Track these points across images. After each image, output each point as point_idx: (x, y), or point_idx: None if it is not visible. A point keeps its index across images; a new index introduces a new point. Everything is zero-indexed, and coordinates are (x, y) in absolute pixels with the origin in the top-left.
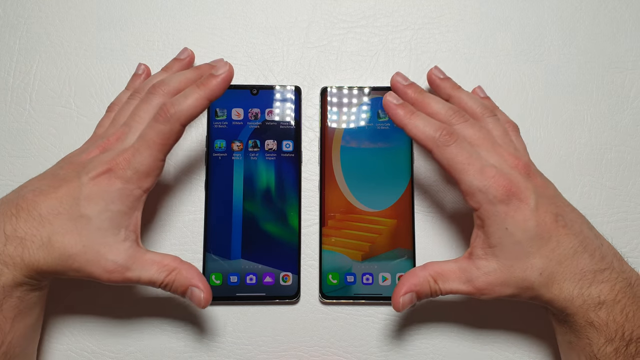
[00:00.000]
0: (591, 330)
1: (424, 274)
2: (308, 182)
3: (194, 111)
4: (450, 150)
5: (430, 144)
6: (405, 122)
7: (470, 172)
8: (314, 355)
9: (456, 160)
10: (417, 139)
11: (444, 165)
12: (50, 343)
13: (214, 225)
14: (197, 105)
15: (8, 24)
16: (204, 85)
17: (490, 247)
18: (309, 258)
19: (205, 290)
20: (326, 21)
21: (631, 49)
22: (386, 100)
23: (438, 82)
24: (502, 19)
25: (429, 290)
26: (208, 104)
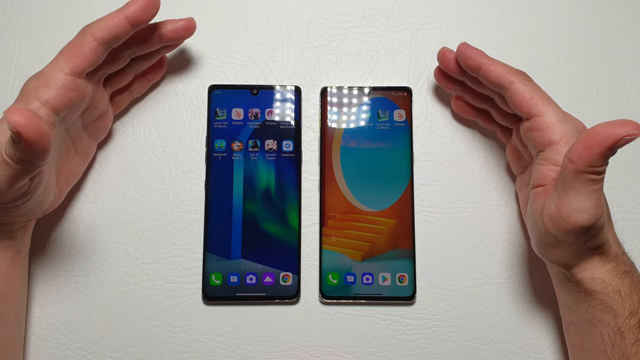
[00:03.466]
0: (617, 300)
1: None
2: (308, 182)
3: (108, 25)
4: (533, 85)
5: (513, 77)
6: (483, 61)
7: (554, 106)
8: (314, 355)
9: (541, 93)
10: (497, 72)
11: (526, 98)
12: (50, 343)
13: (214, 225)
14: (114, 20)
15: (8, 24)
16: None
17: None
18: (309, 258)
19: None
20: (326, 21)
21: (631, 49)
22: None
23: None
24: (502, 19)
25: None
26: (126, 23)
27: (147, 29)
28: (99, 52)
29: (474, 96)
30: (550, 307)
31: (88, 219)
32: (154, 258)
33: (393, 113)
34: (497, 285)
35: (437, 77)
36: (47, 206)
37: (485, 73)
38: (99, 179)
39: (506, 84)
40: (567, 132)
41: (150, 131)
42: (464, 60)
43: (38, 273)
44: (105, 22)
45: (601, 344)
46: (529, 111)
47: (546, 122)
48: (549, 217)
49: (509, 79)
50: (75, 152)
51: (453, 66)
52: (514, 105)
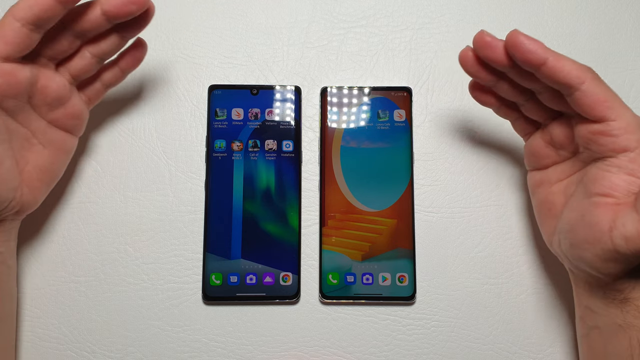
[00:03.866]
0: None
1: None
2: (308, 182)
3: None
4: (605, 85)
5: (584, 75)
6: (548, 55)
7: (628, 110)
8: (314, 355)
9: (614, 95)
10: (566, 70)
11: (601, 100)
12: (50, 343)
13: (214, 225)
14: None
15: None
16: None
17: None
18: (309, 258)
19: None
20: (326, 21)
21: (631, 49)
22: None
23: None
24: (502, 19)
25: None
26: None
27: (87, 6)
28: (25, 34)
29: (510, 88)
30: (551, 307)
31: (88, 219)
32: (154, 258)
33: (393, 113)
34: (497, 285)
35: (465, 62)
36: (14, 205)
37: (551, 71)
38: (99, 179)
39: (576, 84)
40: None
41: (150, 131)
42: (522, 55)
43: (38, 273)
44: (28, 0)
45: (628, 349)
46: (603, 115)
47: (623, 127)
48: (623, 237)
49: (579, 78)
50: (42, 145)
51: (497, 55)
52: (582, 107)
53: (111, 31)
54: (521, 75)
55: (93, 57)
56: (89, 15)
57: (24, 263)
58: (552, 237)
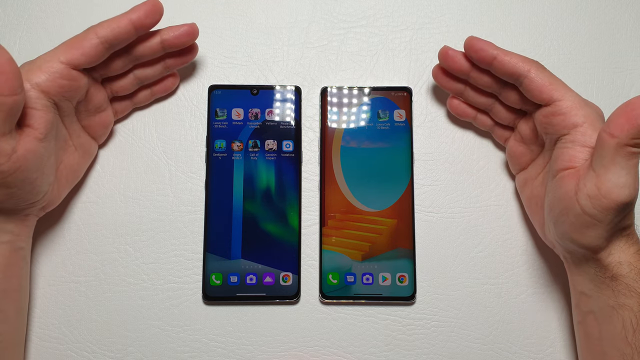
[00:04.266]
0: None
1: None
2: (308, 182)
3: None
4: (549, 72)
5: (529, 65)
6: (495, 52)
7: (570, 91)
8: (314, 355)
9: (558, 80)
10: (513, 62)
11: (546, 84)
12: (50, 343)
13: (214, 225)
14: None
15: (8, 24)
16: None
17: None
18: (309, 258)
19: None
20: (326, 21)
21: (631, 49)
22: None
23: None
24: (502, 19)
25: None
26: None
27: (150, 34)
28: (99, 50)
29: (476, 94)
30: (551, 307)
31: (88, 219)
32: (154, 258)
33: (393, 113)
34: (497, 285)
35: (436, 76)
36: (45, 199)
37: (501, 64)
38: (99, 179)
39: (524, 72)
40: (590, 114)
41: (150, 131)
42: (475, 53)
43: (38, 273)
44: (110, 22)
45: (622, 330)
46: (550, 96)
47: (569, 106)
48: (587, 197)
49: (525, 67)
50: (74, 147)
51: (457, 64)
52: (532, 92)
53: (160, 59)
54: (480, 78)
55: (135, 79)
56: (148, 43)
57: None
58: (543, 228)
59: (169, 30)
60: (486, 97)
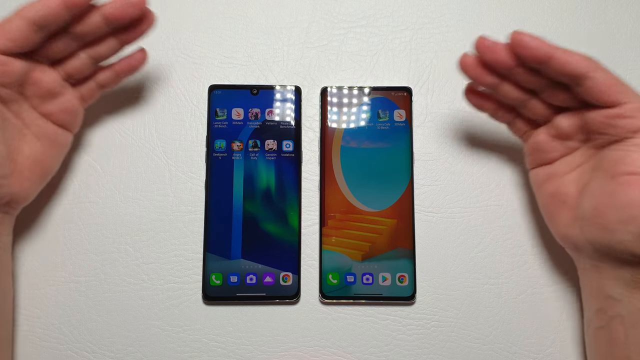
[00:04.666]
0: None
1: None
2: (308, 182)
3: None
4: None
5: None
6: (552, 51)
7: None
8: (314, 355)
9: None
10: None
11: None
12: (50, 343)
13: (214, 225)
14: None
15: None
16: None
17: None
18: (309, 258)
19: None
20: (326, 21)
21: (631, 49)
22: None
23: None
24: (502, 19)
25: None
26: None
27: (89, 10)
28: (28, 33)
29: (512, 89)
30: (551, 307)
31: (88, 219)
32: (154, 258)
33: (393, 113)
34: (497, 285)
35: (467, 67)
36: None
37: (561, 63)
38: (99, 179)
39: (587, 72)
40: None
41: (150, 131)
42: (530, 51)
43: (38, 273)
44: (38, 2)
45: None
46: (616, 98)
47: (636, 108)
48: None
49: (589, 67)
50: (35, 136)
51: (501, 58)
52: (596, 94)
53: (109, 35)
54: (526, 75)
55: (89, 59)
56: (89, 20)
57: (24, 263)
58: (568, 228)
59: (109, 3)
60: (523, 93)
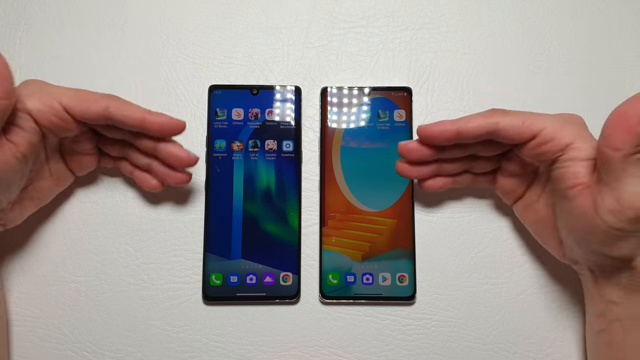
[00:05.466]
0: None
1: None
2: (308, 182)
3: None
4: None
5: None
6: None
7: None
8: (314, 355)
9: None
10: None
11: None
12: (50, 343)
13: (214, 225)
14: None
15: (8, 24)
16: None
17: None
18: (309, 258)
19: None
20: (326, 21)
21: (631, 49)
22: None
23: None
24: (502, 19)
25: None
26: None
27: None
28: (100, 119)
29: (452, 165)
30: (551, 307)
31: (88, 219)
32: (154, 258)
33: (393, 113)
34: (497, 285)
35: (404, 172)
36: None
37: (467, 132)
38: (99, 179)
39: (493, 127)
40: (574, 129)
41: None
42: (437, 137)
43: (38, 273)
44: (126, 108)
45: None
46: (530, 132)
47: (552, 131)
48: (609, 212)
49: (492, 121)
50: (49, 172)
51: (425, 153)
52: (511, 138)
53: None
54: (452, 152)
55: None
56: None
57: (23, 263)
58: (560, 248)
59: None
60: (462, 162)
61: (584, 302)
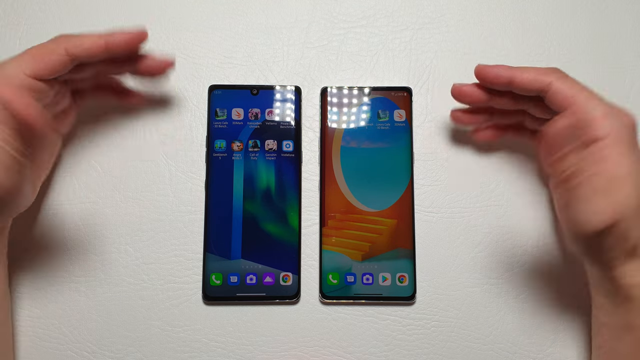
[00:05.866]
0: None
1: None
2: (308, 182)
3: (85, 44)
4: (571, 80)
5: (551, 76)
6: (512, 72)
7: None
8: (314, 355)
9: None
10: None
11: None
12: (50, 343)
13: (214, 225)
14: (92, 41)
15: (8, 24)
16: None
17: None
18: (309, 258)
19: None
20: (326, 21)
21: (631, 49)
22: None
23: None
24: (502, 19)
25: None
26: (104, 50)
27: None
28: (67, 66)
29: (504, 117)
30: (551, 307)
31: (88, 219)
32: (154, 258)
33: (393, 113)
34: (497, 285)
35: (458, 119)
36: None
37: (521, 83)
38: (99, 179)
39: (544, 87)
40: (613, 126)
41: (150, 131)
42: (491, 80)
43: (38, 273)
44: (84, 41)
45: (633, 351)
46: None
47: (595, 117)
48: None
49: (545, 81)
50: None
51: (476, 97)
52: (555, 106)
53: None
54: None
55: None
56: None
57: (24, 263)
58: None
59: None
60: (514, 115)
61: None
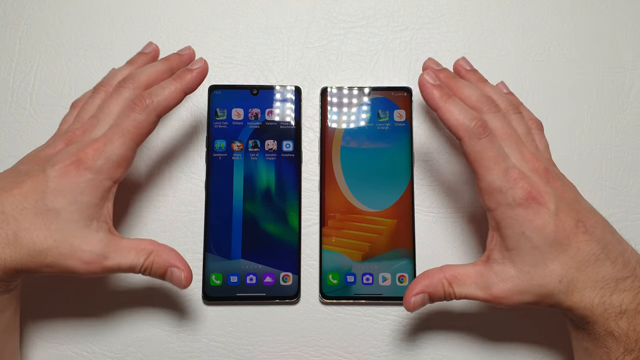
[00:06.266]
0: (610, 340)
1: (439, 275)
2: (308, 182)
3: (170, 102)
4: (481, 144)
5: (462, 133)
6: (440, 105)
7: (494, 171)
8: (314, 355)
9: (484, 156)
10: (449, 124)
11: (471, 158)
12: (50, 343)
13: (214, 225)
14: (174, 97)
15: (8, 24)
16: (180, 78)
17: (507, 251)
18: (309, 258)
19: (185, 269)
20: (326, 21)
21: (631, 49)
22: (422, 79)
23: (464, 73)
24: (502, 19)
25: (443, 293)
26: (184, 96)
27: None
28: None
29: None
30: None
31: None
32: None
33: (393, 113)
34: None
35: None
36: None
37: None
38: None
39: (458, 137)
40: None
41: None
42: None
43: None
44: (166, 98)
45: None
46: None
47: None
48: None
49: (458, 134)
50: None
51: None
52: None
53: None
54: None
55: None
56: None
57: None
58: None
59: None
60: None
61: None
